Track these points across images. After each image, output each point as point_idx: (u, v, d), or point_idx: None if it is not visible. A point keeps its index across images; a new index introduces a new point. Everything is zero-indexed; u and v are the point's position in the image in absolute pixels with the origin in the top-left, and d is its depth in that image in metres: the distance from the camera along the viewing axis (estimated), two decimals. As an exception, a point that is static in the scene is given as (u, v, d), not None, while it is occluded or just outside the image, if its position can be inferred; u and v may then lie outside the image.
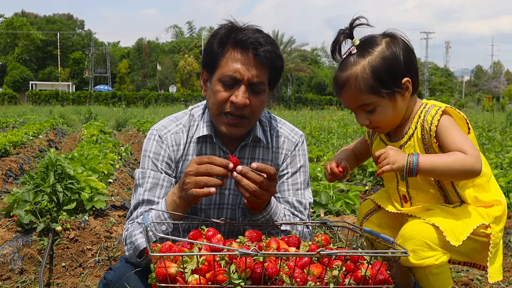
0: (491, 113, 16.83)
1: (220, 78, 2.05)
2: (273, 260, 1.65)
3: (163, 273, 1.53)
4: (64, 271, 3.31)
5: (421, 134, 2.01)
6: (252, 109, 2.07)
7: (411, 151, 2.03)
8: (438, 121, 1.95)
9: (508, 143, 9.01)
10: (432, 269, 1.92)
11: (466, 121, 2.03)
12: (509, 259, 3.62)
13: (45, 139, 11.99)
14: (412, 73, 2.01)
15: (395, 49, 1.98)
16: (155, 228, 1.97)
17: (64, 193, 3.76)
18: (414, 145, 2.04)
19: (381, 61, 1.95)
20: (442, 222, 1.93)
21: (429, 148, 2.01)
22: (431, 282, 1.96)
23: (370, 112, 2.02)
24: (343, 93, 2.03)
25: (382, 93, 1.96)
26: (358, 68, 1.96)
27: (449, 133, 1.95)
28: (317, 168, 5.94)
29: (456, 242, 1.90)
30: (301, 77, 64.95)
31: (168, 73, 67.25)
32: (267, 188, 1.91)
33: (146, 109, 32.00)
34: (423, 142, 2.01)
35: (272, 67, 2.09)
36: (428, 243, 1.89)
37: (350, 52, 2.01)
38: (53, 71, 69.91)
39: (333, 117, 20.11)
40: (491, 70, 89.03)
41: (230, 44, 2.06)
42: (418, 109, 2.07)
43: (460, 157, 1.90)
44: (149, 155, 2.18)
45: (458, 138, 1.94)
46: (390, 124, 2.07)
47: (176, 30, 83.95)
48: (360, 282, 1.63)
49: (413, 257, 1.90)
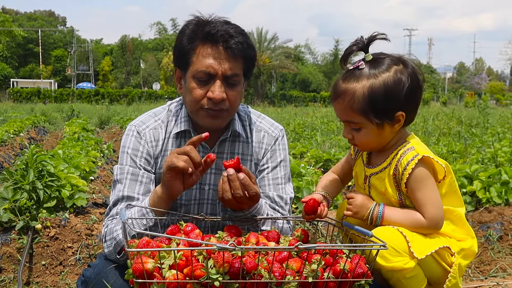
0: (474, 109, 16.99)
1: (194, 75, 2.04)
2: (252, 255, 1.65)
3: (140, 269, 1.51)
4: (44, 270, 3.27)
5: (393, 173, 1.99)
6: (230, 101, 2.07)
7: (380, 184, 2.03)
8: (412, 170, 1.92)
9: (489, 138, 9.11)
10: (405, 273, 1.91)
11: (444, 169, 1.99)
12: (489, 253, 3.65)
13: (26, 137, 11.86)
14: (409, 108, 1.97)
15: (401, 80, 1.92)
16: (136, 224, 1.95)
17: (44, 191, 3.72)
18: (384, 180, 2.03)
19: (382, 88, 1.90)
20: (411, 233, 1.93)
21: (399, 186, 1.99)
22: (405, 285, 1.95)
23: (355, 130, 2.00)
24: (336, 103, 2.00)
25: (372, 119, 1.93)
26: (358, 86, 1.92)
27: (420, 188, 1.93)
28: (300, 164, 5.95)
29: (419, 254, 1.89)
30: (285, 74, 64.96)
31: (151, 70, 66.85)
32: (253, 200, 1.94)
33: (130, 107, 31.80)
34: (394, 179, 2.00)
35: (245, 57, 2.08)
36: (396, 249, 1.87)
37: (358, 66, 1.96)
38: (35, 68, 69.16)
39: (316, 113, 20.14)
40: (473, 67, 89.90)
41: (199, 39, 2.03)
42: (400, 145, 2.03)
43: (420, 221, 1.93)
44: (127, 151, 2.16)
45: (425, 198, 1.94)
46: (371, 147, 2.06)
47: (159, 27, 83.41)
48: (339, 276, 1.63)
49: (383, 260, 1.87)
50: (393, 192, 2.01)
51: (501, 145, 7.17)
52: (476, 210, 4.67)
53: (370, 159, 2.13)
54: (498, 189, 4.68)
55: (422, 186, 1.93)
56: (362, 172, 2.14)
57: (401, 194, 2.00)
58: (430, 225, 1.93)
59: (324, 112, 21.26)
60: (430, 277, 2.02)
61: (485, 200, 4.67)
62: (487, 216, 4.36)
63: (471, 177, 4.99)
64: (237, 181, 1.88)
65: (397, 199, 2.01)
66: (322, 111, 22.26)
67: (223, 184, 1.90)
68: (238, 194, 1.88)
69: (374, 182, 2.06)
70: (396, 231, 1.91)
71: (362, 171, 2.15)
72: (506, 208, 4.46)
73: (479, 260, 3.56)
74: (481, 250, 3.76)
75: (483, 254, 3.67)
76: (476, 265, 3.48)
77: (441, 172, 1.99)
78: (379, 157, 2.08)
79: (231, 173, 1.88)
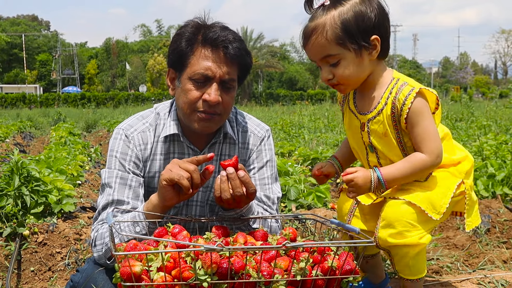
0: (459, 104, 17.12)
1: (190, 76, 2.04)
2: (240, 255, 1.65)
3: (127, 272, 1.50)
4: (33, 276, 3.25)
5: (391, 112, 2.00)
6: (224, 105, 2.08)
7: (380, 127, 2.03)
8: (412, 103, 1.94)
9: (475, 132, 9.19)
10: (411, 250, 1.96)
11: (436, 98, 2.03)
12: (478, 245, 3.68)
13: (12, 142, 11.75)
14: (382, 34, 1.97)
15: (368, 6, 1.94)
16: (128, 229, 1.95)
17: (30, 196, 3.69)
18: (383, 121, 2.03)
19: (352, 14, 1.92)
20: (421, 199, 1.98)
21: (397, 124, 2.00)
22: (409, 265, 1.99)
23: (334, 66, 1.98)
24: (309, 43, 1.99)
25: (349, 46, 1.93)
26: (327, 17, 1.93)
27: (419, 122, 1.95)
28: (288, 162, 5.95)
29: (437, 215, 1.97)
30: (271, 73, 64.99)
31: (137, 72, 66.58)
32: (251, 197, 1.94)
33: (116, 110, 31.64)
34: (392, 119, 2.00)
35: (242, 63, 2.10)
36: (411, 223, 1.93)
37: (323, 4, 1.97)
38: (19, 73, 68.56)
39: (303, 111, 20.17)
40: (458, 61, 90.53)
41: (199, 42, 2.05)
42: (390, 83, 2.04)
43: (419, 160, 1.96)
44: (116, 155, 2.15)
45: (425, 132, 1.96)
46: (352, 82, 2.03)
47: (144, 29, 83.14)
48: (327, 273, 1.64)
49: (397, 237, 1.94)
50: (393, 132, 2.02)
51: (486, 138, 7.24)
52: (464, 203, 4.70)
53: (362, 107, 2.12)
54: (485, 182, 4.72)
55: (421, 119, 1.96)
56: (355, 121, 2.14)
57: (399, 133, 2.02)
58: (432, 160, 1.95)
59: (311, 110, 21.28)
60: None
61: (472, 193, 4.71)
62: (474, 209, 4.40)
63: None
64: (237, 180, 1.88)
65: (396, 137, 2.03)
66: (309, 109, 22.28)
67: (221, 184, 1.90)
68: (238, 193, 1.88)
69: (374, 126, 2.06)
70: (405, 205, 1.96)
71: (354, 120, 2.14)
72: (493, 200, 4.50)
73: (468, 254, 3.58)
74: (469, 243, 3.78)
75: (471, 247, 3.70)
76: (464, 258, 3.50)
77: (434, 101, 2.02)
78: (369, 101, 2.08)
79: (231, 171, 1.88)
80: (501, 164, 5.05)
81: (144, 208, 2.00)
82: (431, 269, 3.25)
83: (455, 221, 4.30)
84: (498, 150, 6.12)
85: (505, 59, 79.75)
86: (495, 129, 10.49)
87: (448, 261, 3.39)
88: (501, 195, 4.61)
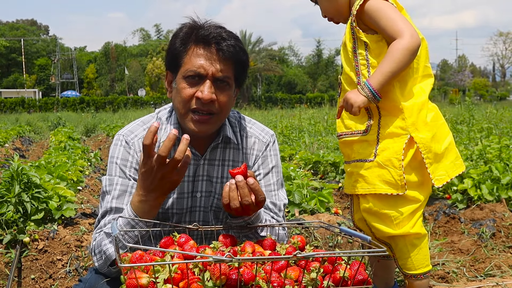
0: (459, 106, 17.08)
1: (184, 75, 2.00)
2: (249, 265, 1.60)
3: (134, 285, 1.46)
4: (33, 284, 3.20)
5: (350, 22, 2.10)
6: (220, 104, 2.02)
7: (343, 38, 2.16)
8: (360, 5, 2.04)
9: (476, 135, 9.14)
10: (412, 239, 1.96)
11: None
12: (483, 250, 3.64)
13: (11, 147, 11.71)
14: None
15: None
16: (126, 237, 1.89)
17: (31, 203, 3.65)
18: (345, 32, 2.15)
19: None
20: (370, 184, 2.08)
21: (355, 34, 2.10)
22: (411, 255, 1.98)
23: None
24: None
25: None
26: None
27: (380, 16, 2.02)
28: (290, 167, 5.91)
29: (401, 189, 2.02)
30: (270, 77, 64.97)
31: (136, 76, 66.48)
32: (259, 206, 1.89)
33: (116, 114, 31.60)
34: (350, 28, 2.10)
35: (236, 61, 2.04)
36: (386, 213, 2.05)
37: None
38: (18, 78, 68.50)
39: (303, 115, 20.14)
40: (456, 64, 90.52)
41: (192, 41, 2.02)
42: None
43: (395, 47, 1.99)
44: (116, 161, 2.11)
45: (389, 19, 2.01)
46: (337, 14, 2.22)
47: (143, 34, 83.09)
48: (339, 284, 1.59)
49: (396, 227, 2.02)
50: (350, 42, 2.11)
51: (489, 141, 7.19)
52: (468, 207, 4.67)
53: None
54: (489, 186, 4.68)
55: (381, 12, 2.02)
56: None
57: (355, 43, 2.10)
58: (407, 39, 1.97)
59: (310, 114, 21.25)
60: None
61: (476, 198, 4.67)
62: (479, 213, 4.36)
63: (461, 175, 4.98)
64: (246, 188, 1.82)
65: (352, 47, 2.10)
66: (308, 113, 22.25)
67: (230, 192, 1.84)
68: (247, 202, 1.82)
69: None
70: (365, 200, 2.09)
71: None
72: (498, 204, 4.46)
73: (473, 258, 3.54)
74: (475, 248, 3.75)
75: (476, 252, 3.66)
76: (470, 263, 3.46)
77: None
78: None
79: (240, 179, 1.82)
80: (505, 167, 5.01)
81: (134, 208, 1.89)
82: (437, 275, 3.21)
83: (459, 225, 4.26)
84: (502, 154, 6.08)
85: (503, 62, 79.72)
86: (496, 131, 10.45)
87: (453, 266, 3.35)
88: (506, 199, 4.57)
